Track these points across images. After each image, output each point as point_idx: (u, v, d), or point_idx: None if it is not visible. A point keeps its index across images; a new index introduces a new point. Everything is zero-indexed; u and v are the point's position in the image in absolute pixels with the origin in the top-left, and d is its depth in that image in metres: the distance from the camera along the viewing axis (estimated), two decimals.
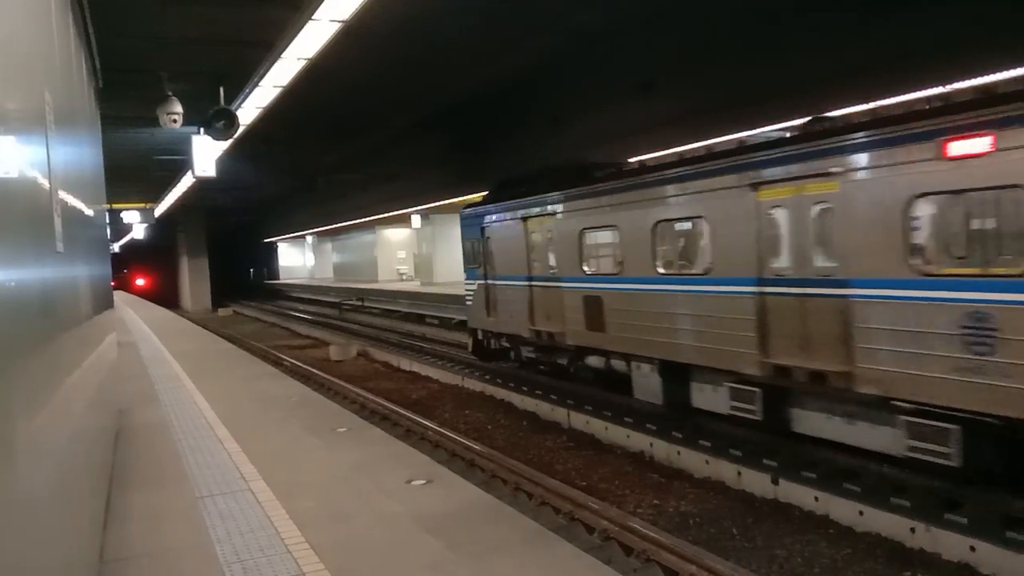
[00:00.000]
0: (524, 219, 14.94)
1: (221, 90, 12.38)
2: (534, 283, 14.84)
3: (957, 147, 6.92)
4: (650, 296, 11.37)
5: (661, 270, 11.23)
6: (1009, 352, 6.58)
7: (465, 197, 28.08)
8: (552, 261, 14.15)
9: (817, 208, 8.65)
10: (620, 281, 12.07)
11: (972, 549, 6.99)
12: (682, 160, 11.25)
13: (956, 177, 6.97)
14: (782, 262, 9.24)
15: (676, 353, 10.97)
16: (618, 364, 12.80)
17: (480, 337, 17.67)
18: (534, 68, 19.58)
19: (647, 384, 11.95)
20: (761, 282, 9.45)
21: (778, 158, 9.08)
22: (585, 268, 13.04)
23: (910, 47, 10.73)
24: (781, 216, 9.16)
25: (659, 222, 11.19)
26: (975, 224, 6.96)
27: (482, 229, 16.71)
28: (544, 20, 14.15)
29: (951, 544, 7.18)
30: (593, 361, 13.57)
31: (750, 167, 9.49)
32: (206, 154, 15.32)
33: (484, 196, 17.66)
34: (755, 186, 9.40)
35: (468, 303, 17.82)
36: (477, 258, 17.04)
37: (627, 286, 11.92)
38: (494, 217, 16.26)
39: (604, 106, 17.99)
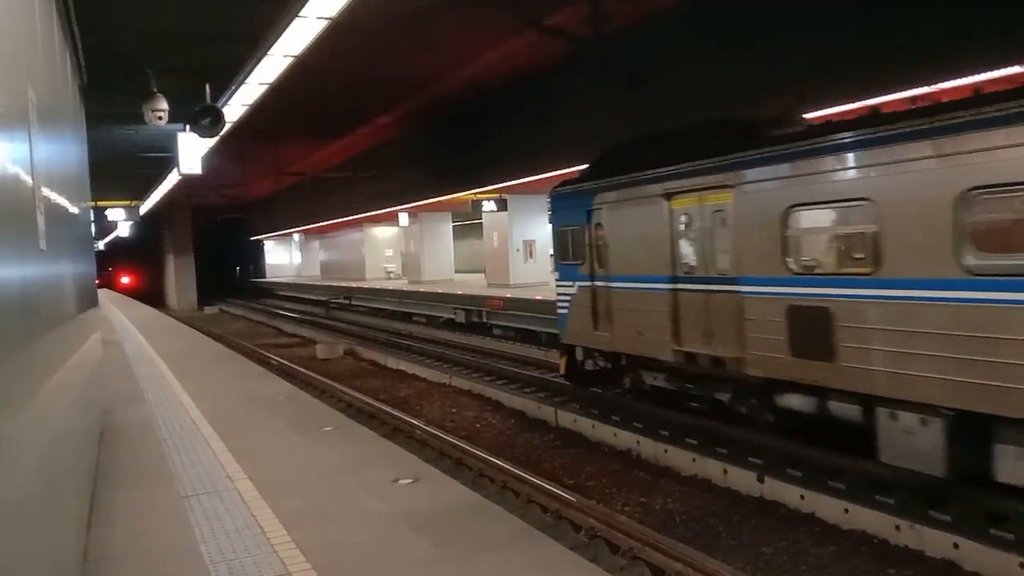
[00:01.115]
0: (668, 196, 10.89)
1: (207, 87, 12.31)
2: (683, 286, 10.75)
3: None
4: (942, 311, 7.29)
5: (974, 264, 7.03)
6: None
7: (453, 195, 28.17)
8: (721, 255, 10.12)
9: None
10: (874, 285, 7.96)
11: (955, 546, 7.04)
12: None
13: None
14: None
15: (993, 400, 6.93)
16: (845, 409, 8.56)
17: (580, 356, 13.52)
18: (523, 65, 19.61)
19: (914, 444, 7.78)
20: None
21: None
22: (792, 265, 9.00)
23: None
24: None
25: (974, 190, 6.98)
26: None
27: (589, 213, 12.64)
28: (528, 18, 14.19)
29: (935, 541, 7.23)
30: (793, 402, 9.28)
31: None
32: (192, 151, 15.24)
33: (585, 170, 13.78)
34: None
35: (562, 310, 13.71)
36: (579, 252, 13.01)
37: (891, 293, 7.81)
38: (612, 196, 12.17)
39: (595, 101, 18.04)
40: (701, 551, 7.13)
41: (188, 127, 13.15)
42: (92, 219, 16.04)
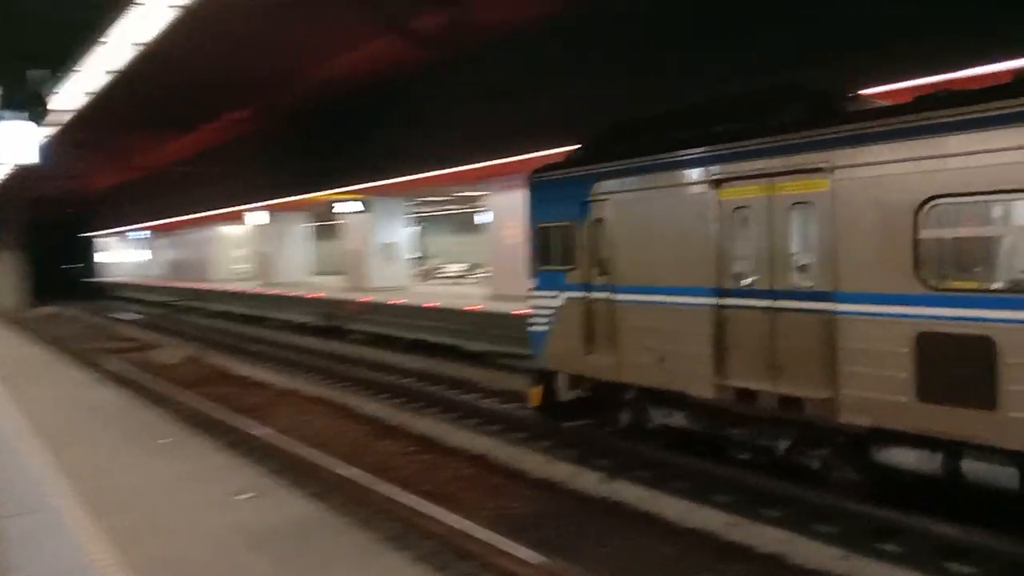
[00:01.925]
0: (716, 183, 8.50)
1: (32, 72, 11.37)
2: (735, 301, 8.40)
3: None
4: None
5: None
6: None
7: (313, 195, 27.44)
8: (803, 262, 7.94)
9: None
10: None
11: (783, 542, 7.51)
12: None
13: None
14: None
15: None
16: (996, 472, 6.64)
17: (563, 385, 10.99)
18: (390, 68, 19.36)
19: None
20: None
21: None
22: (928, 278, 6.83)
23: None
24: None
25: None
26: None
27: (586, 205, 10.14)
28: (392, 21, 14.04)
29: (765, 536, 7.69)
30: (905, 459, 7.25)
31: None
32: (18, 140, 14.03)
33: (575, 152, 11.04)
34: None
35: (538, 327, 11.02)
36: (569, 254, 10.44)
37: None
38: (623, 184, 9.67)
39: (470, 108, 18.00)
40: (550, 554, 7.24)
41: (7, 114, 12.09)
42: None
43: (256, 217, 35.10)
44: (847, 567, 6.98)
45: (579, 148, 10.96)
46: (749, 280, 8.28)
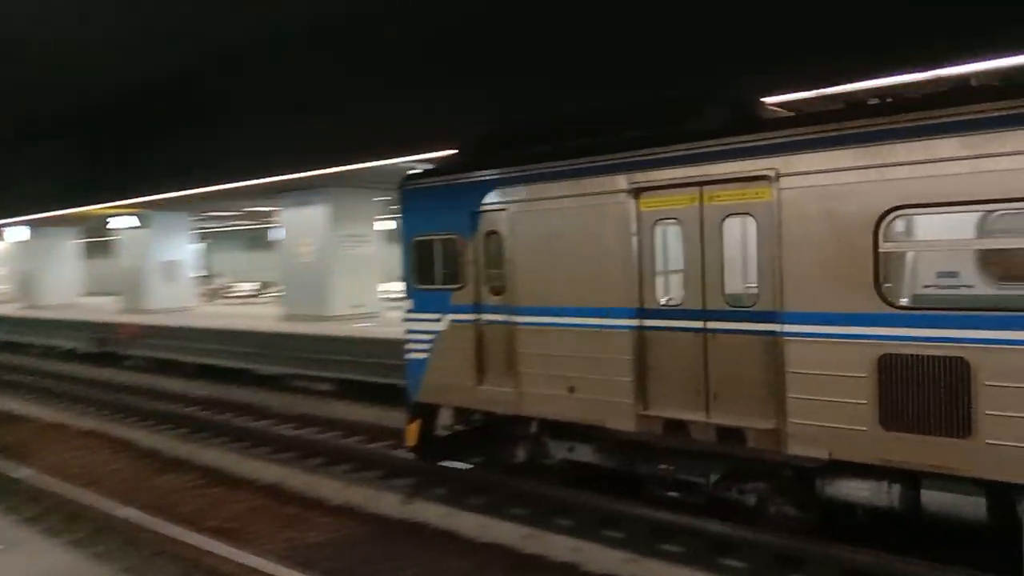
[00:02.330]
0: (636, 192, 7.69)
1: None
2: (659, 323, 7.64)
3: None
4: None
5: None
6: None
7: (84, 208, 25.01)
8: (739, 279, 7.60)
9: None
10: None
11: (576, 550, 7.75)
12: None
13: None
14: None
15: None
16: (963, 503, 6.23)
17: (441, 419, 9.76)
18: (174, 77, 18.10)
19: None
20: None
21: None
22: (891, 296, 6.44)
23: None
24: None
25: None
26: None
27: (476, 215, 8.99)
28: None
29: (558, 545, 7.90)
30: (856, 492, 6.70)
31: None
32: None
33: (456, 156, 10.38)
34: None
35: (416, 355, 9.66)
36: (454, 272, 9.28)
37: None
38: (523, 192, 8.60)
39: (264, 120, 17.18)
40: None
41: None
42: None
43: (15, 232, 31.55)
44: (634, 569, 7.34)
45: (458, 153, 10.19)
46: (677, 299, 7.66)
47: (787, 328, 6.69)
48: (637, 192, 7.67)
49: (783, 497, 7.36)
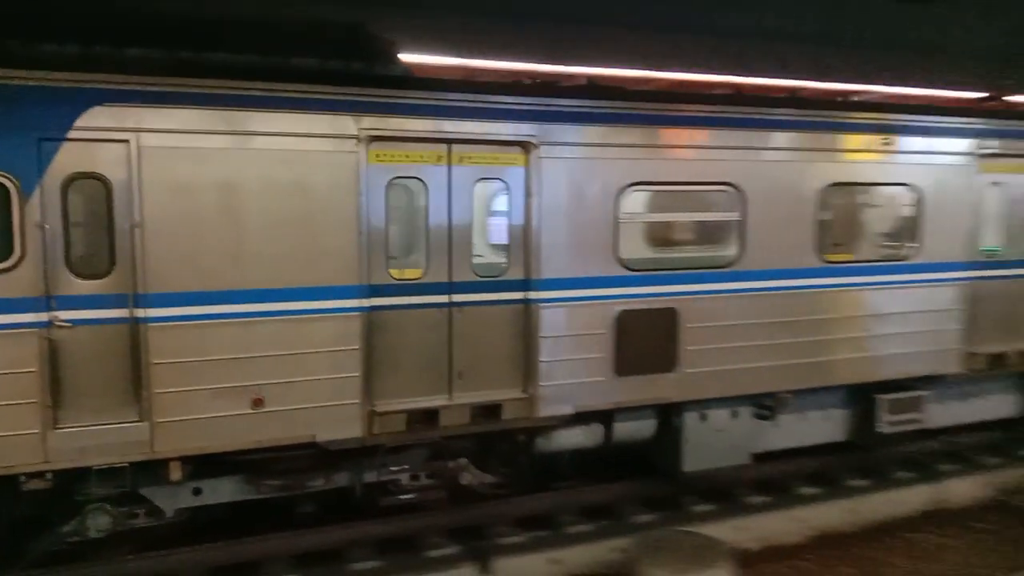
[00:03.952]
0: (368, 141, 6.52)
1: None
2: (387, 302, 6.71)
3: None
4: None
5: None
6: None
7: None
8: (506, 247, 7.27)
9: None
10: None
11: None
12: None
13: None
14: None
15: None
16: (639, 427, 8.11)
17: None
18: None
19: (721, 440, 8.17)
20: None
21: None
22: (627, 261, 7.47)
23: None
24: None
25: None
26: None
27: (51, 144, 5.76)
28: None
29: None
30: (573, 438, 7.80)
31: None
32: None
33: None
34: None
35: None
36: None
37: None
38: (174, 115, 6.00)
39: None
40: None
41: None
42: None
43: None
44: None
45: None
46: (417, 273, 6.81)
47: (540, 295, 6.98)
48: (368, 141, 6.40)
49: (497, 461, 7.69)
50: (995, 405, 9.80)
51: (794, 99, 8.74)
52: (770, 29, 10.63)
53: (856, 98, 10.02)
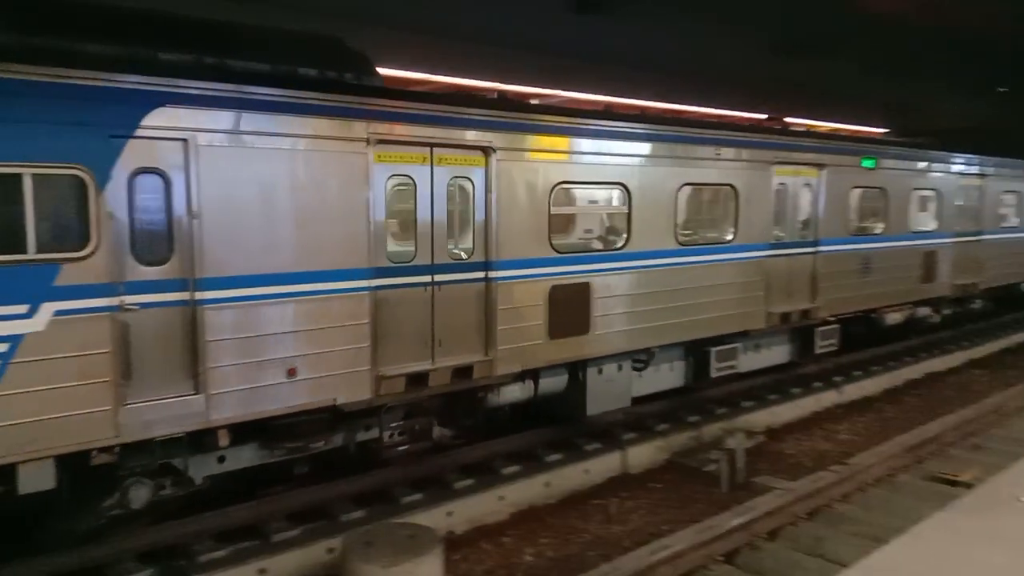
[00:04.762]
0: (374, 143, 7.63)
1: None
2: (388, 282, 7.91)
3: None
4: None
5: None
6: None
7: None
8: (471, 234, 8.62)
9: None
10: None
11: None
12: None
13: None
14: None
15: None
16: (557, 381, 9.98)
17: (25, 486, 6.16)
18: None
19: (612, 388, 10.23)
20: None
21: None
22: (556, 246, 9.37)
23: None
24: None
25: None
26: None
27: (120, 141, 6.21)
28: None
29: None
30: (514, 393, 9.46)
31: None
32: None
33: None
34: None
35: None
36: (65, 228, 6.04)
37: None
38: (226, 117, 6.71)
39: None
40: None
41: None
42: None
43: None
44: None
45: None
46: (408, 256, 8.04)
47: (497, 274, 8.54)
48: (375, 143, 7.60)
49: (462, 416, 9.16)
50: (777, 354, 13.02)
51: (658, 118, 11.17)
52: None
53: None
